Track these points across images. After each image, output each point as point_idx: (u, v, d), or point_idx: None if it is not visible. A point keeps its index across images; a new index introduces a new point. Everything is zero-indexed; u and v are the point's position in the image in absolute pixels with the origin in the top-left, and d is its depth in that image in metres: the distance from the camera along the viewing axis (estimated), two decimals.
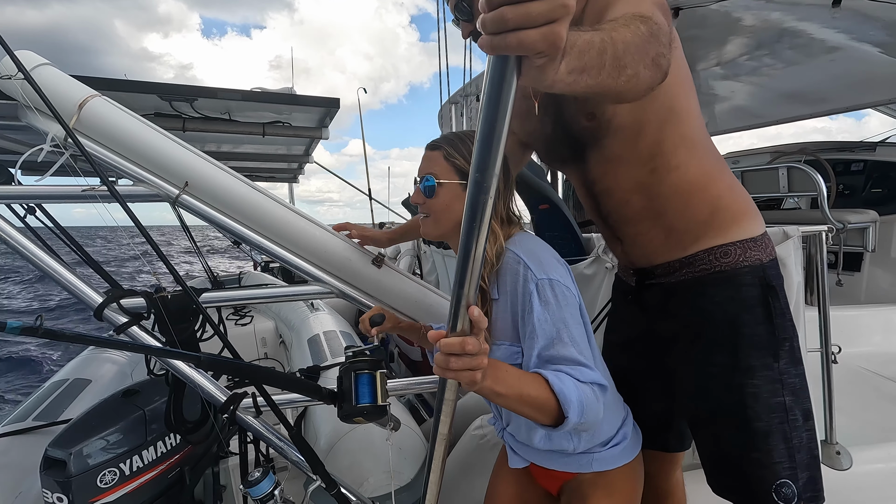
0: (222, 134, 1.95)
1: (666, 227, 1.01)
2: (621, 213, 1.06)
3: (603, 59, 0.53)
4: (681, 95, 0.95)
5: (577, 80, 0.52)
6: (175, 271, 1.18)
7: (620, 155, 0.99)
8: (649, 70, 0.62)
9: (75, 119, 1.24)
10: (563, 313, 0.86)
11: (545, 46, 0.44)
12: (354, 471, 1.64)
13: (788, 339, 0.97)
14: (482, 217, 0.53)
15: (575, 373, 0.82)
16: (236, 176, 1.35)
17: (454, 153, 1.00)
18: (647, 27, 0.63)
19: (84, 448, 1.31)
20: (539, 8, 0.42)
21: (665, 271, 1.04)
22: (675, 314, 1.05)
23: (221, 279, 4.30)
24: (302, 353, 2.87)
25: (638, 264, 1.10)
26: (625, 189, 1.02)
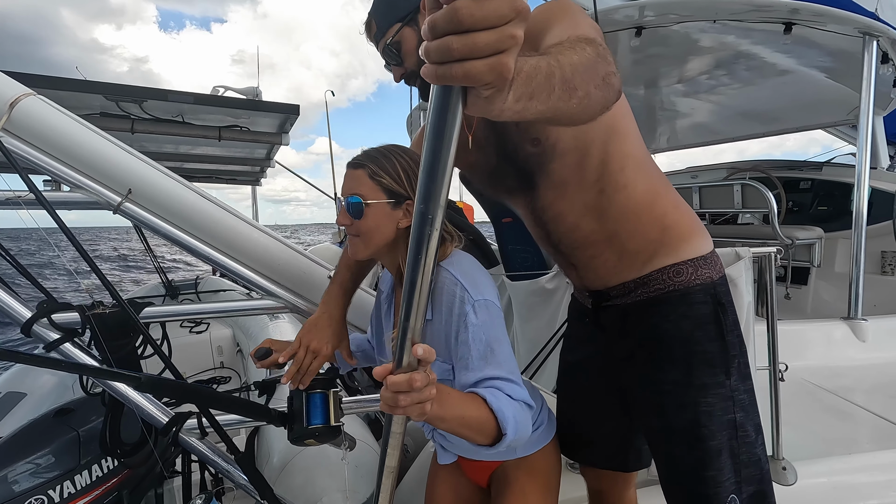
0: (175, 136, 1.86)
1: (618, 249, 1.01)
2: (572, 239, 1.05)
3: (551, 82, 0.52)
4: (619, 115, 0.95)
5: (526, 107, 0.50)
6: (109, 284, 1.10)
7: (568, 179, 0.98)
8: (601, 90, 0.61)
9: (5, 119, 1.15)
10: (496, 332, 0.89)
11: (492, 78, 0.42)
12: (308, 490, 1.58)
13: (738, 356, 0.98)
14: (428, 249, 0.51)
15: (507, 389, 0.84)
16: (184, 183, 1.28)
17: (380, 171, 0.96)
18: (593, 48, 0.62)
19: (8, 474, 1.21)
20: (486, 38, 0.40)
21: (620, 292, 1.04)
22: (631, 334, 1.05)
23: (177, 284, 4.13)
24: None
25: (593, 287, 1.10)
26: (575, 213, 1.01)
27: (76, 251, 1.10)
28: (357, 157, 1.00)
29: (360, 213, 0.97)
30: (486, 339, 0.87)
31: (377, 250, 1.01)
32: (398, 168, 0.97)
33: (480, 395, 0.82)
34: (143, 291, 4.29)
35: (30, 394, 2.22)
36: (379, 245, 1.00)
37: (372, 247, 1.00)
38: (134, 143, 2.00)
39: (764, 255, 1.42)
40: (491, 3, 0.40)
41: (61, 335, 1.14)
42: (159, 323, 1.40)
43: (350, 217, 0.99)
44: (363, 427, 1.98)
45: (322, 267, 1.35)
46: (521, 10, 0.41)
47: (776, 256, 1.42)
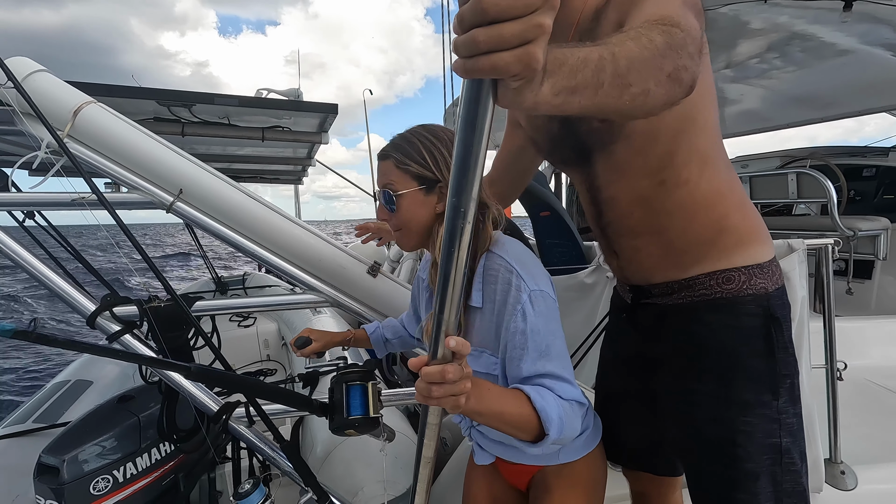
0: (222, 138, 1.95)
1: (665, 245, 0.95)
2: (621, 225, 1.00)
3: (600, 77, 0.49)
4: (702, 106, 0.87)
5: (567, 101, 0.48)
6: (165, 280, 1.17)
7: (629, 163, 0.92)
8: (663, 87, 0.56)
9: (70, 126, 1.23)
10: (552, 326, 0.85)
11: (520, 69, 0.41)
12: (349, 480, 1.62)
13: (790, 376, 0.90)
14: (461, 242, 0.51)
15: (557, 388, 0.81)
16: (231, 183, 1.34)
17: (405, 159, 0.94)
18: (666, 37, 0.57)
19: (78, 455, 1.31)
20: (512, 29, 0.39)
21: (662, 292, 0.99)
22: (666, 337, 0.99)
23: (226, 281, 4.31)
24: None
25: (633, 281, 1.05)
26: (629, 200, 0.96)
27: (135, 248, 1.17)
28: (384, 147, 0.98)
29: (393, 205, 0.95)
30: (543, 331, 0.83)
31: (420, 240, 0.99)
32: (423, 151, 0.94)
33: (525, 391, 0.79)
34: (195, 287, 4.51)
35: (95, 382, 2.38)
36: (420, 233, 0.98)
37: (414, 237, 0.99)
38: (185, 145, 2.10)
39: (820, 246, 1.34)
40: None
41: (122, 327, 1.22)
42: (209, 316, 1.47)
43: (387, 211, 0.98)
44: (403, 420, 2.02)
45: (361, 262, 1.38)
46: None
47: (834, 248, 1.34)
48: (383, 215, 1.00)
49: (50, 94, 1.24)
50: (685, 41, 0.60)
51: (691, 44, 0.61)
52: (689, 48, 0.60)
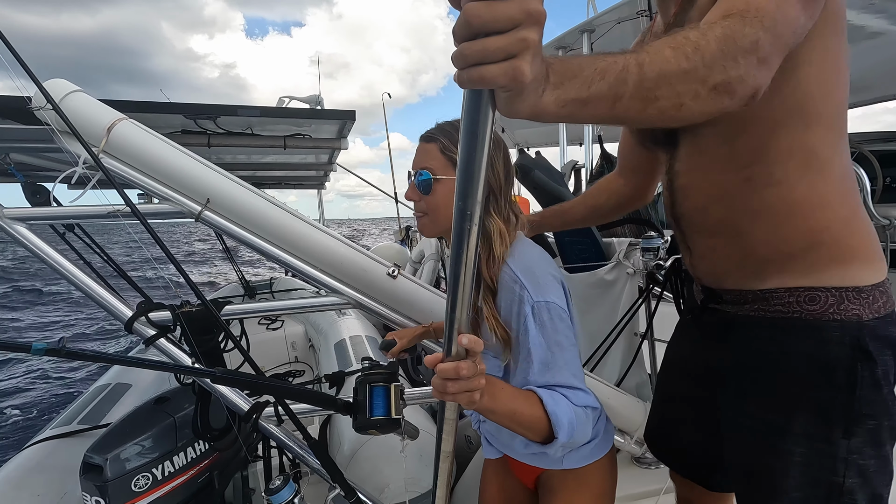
0: (246, 147, 2.02)
1: (744, 249, 0.85)
2: (696, 220, 0.91)
3: (619, 90, 0.48)
4: (818, 95, 0.75)
5: (576, 112, 0.48)
6: (195, 287, 1.22)
7: (713, 151, 0.83)
8: (703, 100, 0.52)
9: (104, 142, 1.30)
10: (557, 336, 0.84)
11: (506, 81, 0.42)
12: (376, 477, 1.66)
13: (876, 418, 0.78)
14: (469, 243, 0.54)
15: (570, 395, 0.82)
16: (255, 191, 1.39)
17: (451, 145, 0.91)
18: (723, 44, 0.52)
19: (120, 453, 1.38)
20: (496, 43, 0.41)
21: (733, 299, 0.90)
22: (732, 350, 0.91)
23: (254, 285, 4.43)
24: (329, 357, 2.93)
25: (704, 282, 0.97)
26: (707, 193, 0.87)
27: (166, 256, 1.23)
28: (430, 129, 0.97)
29: (428, 189, 0.94)
30: (546, 344, 0.83)
31: (446, 228, 0.97)
32: None
33: (538, 394, 0.80)
34: (225, 291, 4.65)
35: (134, 384, 2.49)
36: (447, 223, 0.94)
37: (440, 225, 0.98)
38: (211, 155, 2.18)
39: None
40: (499, 7, 0.40)
41: (157, 332, 1.29)
42: (238, 320, 1.53)
43: (419, 192, 0.96)
44: (426, 418, 2.05)
45: (381, 265, 1.41)
46: (533, 13, 0.41)
47: None
48: (413, 195, 0.98)
49: (85, 112, 1.31)
50: (757, 44, 0.54)
51: (769, 45, 0.55)
52: (762, 51, 0.55)
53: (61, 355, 0.71)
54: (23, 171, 1.98)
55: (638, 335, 1.74)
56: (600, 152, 3.00)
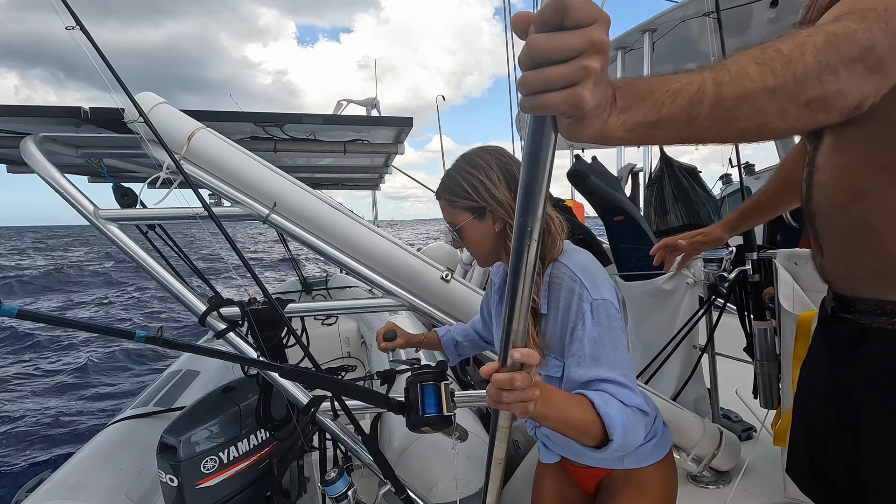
0: (309, 152, 2.11)
1: (885, 255, 0.78)
2: (830, 220, 0.85)
3: (693, 112, 0.46)
4: None
5: (646, 135, 0.47)
6: (264, 287, 1.30)
7: (860, 150, 0.77)
8: (790, 118, 0.48)
9: (185, 149, 1.42)
10: (612, 335, 0.87)
11: (566, 109, 0.43)
12: (425, 475, 1.70)
13: None
14: (528, 258, 0.55)
15: (619, 394, 0.83)
16: (318, 196, 1.46)
17: (453, 198, 1.05)
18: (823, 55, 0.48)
19: (191, 436, 1.49)
20: (557, 73, 0.42)
21: (870, 309, 0.82)
22: (865, 366, 0.84)
23: (311, 281, 4.62)
24: (380, 354, 3.01)
25: (836, 288, 0.89)
26: (848, 191, 0.80)
27: (237, 256, 1.32)
28: (437, 188, 1.11)
29: (460, 236, 1.08)
30: (601, 339, 0.86)
31: (490, 258, 1.11)
32: (465, 186, 1.03)
33: (589, 397, 0.81)
34: (284, 287, 4.88)
35: (202, 372, 2.68)
36: (488, 251, 1.08)
37: (484, 255, 1.10)
38: (276, 159, 2.30)
39: None
40: (561, 37, 0.41)
41: (227, 325, 1.38)
42: (299, 317, 1.61)
43: (457, 241, 1.11)
44: (475, 420, 2.07)
45: (435, 268, 1.45)
46: (596, 42, 0.41)
47: None
48: (457, 245, 1.17)
49: (169, 122, 1.42)
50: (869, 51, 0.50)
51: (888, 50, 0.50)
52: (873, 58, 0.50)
53: (159, 343, 0.79)
54: (112, 173, 2.18)
55: (697, 348, 1.68)
56: (660, 155, 2.89)
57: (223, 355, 0.94)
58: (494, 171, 1.02)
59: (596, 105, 0.44)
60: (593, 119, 0.45)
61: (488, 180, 1.01)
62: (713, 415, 1.69)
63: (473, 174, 1.03)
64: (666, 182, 2.71)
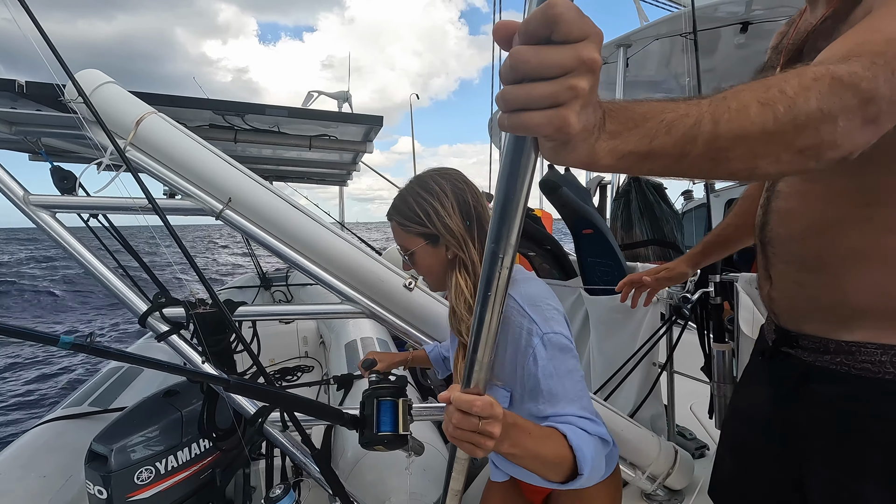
0: (272, 145, 2.01)
1: (837, 293, 0.75)
2: (787, 249, 0.82)
3: (686, 148, 0.43)
4: None
5: (635, 165, 0.43)
6: (211, 289, 1.21)
7: (830, 181, 0.74)
8: (781, 165, 0.46)
9: (132, 135, 1.30)
10: (566, 367, 0.86)
11: (550, 131, 0.39)
12: (379, 487, 1.64)
13: None
14: (498, 287, 0.51)
15: (582, 426, 0.81)
16: (278, 193, 1.38)
17: (405, 221, 1.02)
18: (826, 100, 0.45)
19: (125, 445, 1.38)
20: (542, 90, 0.38)
21: (812, 346, 0.80)
22: (810, 407, 0.82)
23: (270, 276, 4.46)
24: (339, 357, 2.92)
25: (781, 321, 0.87)
26: (809, 223, 0.77)
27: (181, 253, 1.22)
28: (389, 209, 1.07)
29: (412, 261, 1.05)
30: (556, 373, 0.84)
31: (442, 284, 1.07)
32: (417, 211, 0.99)
33: (560, 430, 0.78)
34: (241, 281, 4.69)
35: (145, 370, 2.51)
36: (439, 279, 1.06)
37: (436, 281, 1.07)
38: (237, 149, 2.18)
39: None
40: (549, 53, 0.37)
41: (170, 328, 1.28)
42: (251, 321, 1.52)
43: (408, 265, 1.08)
44: (433, 431, 2.02)
45: (398, 276, 1.39)
46: (586, 60, 0.37)
47: None
48: (407, 268, 1.11)
49: (116, 104, 1.31)
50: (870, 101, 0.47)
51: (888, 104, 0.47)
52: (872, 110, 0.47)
53: (87, 351, 0.71)
54: (53, 154, 2.01)
55: (657, 365, 1.69)
56: None
57: (159, 366, 0.86)
58: (448, 199, 0.99)
59: (582, 129, 0.39)
60: (579, 143, 0.41)
61: (441, 207, 0.98)
62: (668, 432, 1.71)
63: (427, 199, 0.99)
64: (633, 196, 2.75)
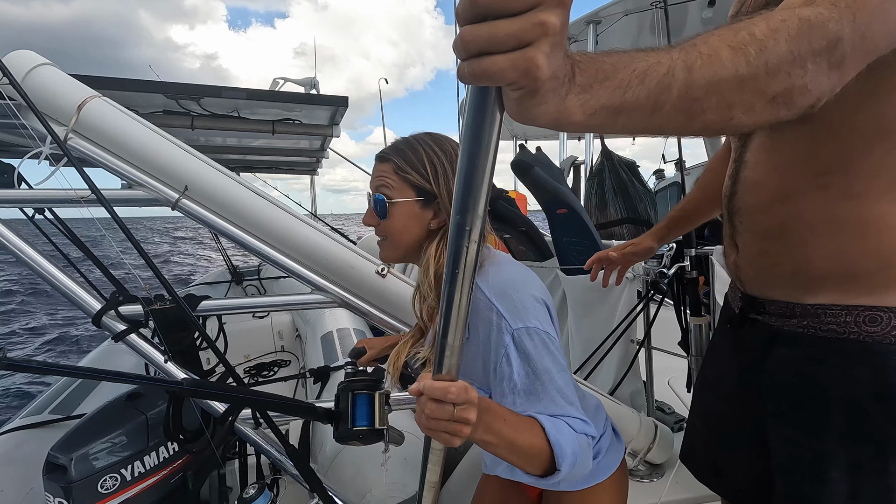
0: (232, 131, 1.92)
1: (801, 260, 0.78)
2: (753, 219, 0.84)
3: (660, 98, 0.40)
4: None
5: (607, 122, 0.39)
6: (167, 283, 1.14)
7: (792, 150, 0.75)
8: (755, 114, 0.45)
9: (74, 121, 1.20)
10: (545, 363, 0.77)
11: (516, 76, 0.34)
12: (358, 481, 1.60)
13: None
14: (466, 263, 0.46)
15: (570, 423, 0.75)
16: (238, 180, 1.30)
17: (405, 166, 0.87)
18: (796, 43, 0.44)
19: (86, 453, 1.30)
20: (506, 28, 0.33)
21: (778, 311, 0.82)
22: (774, 368, 0.84)
23: (241, 270, 4.34)
24: (315, 349, 2.86)
25: (748, 288, 0.89)
26: (774, 192, 0.79)
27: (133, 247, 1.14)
28: (385, 148, 0.92)
29: (384, 213, 0.89)
30: (533, 372, 0.76)
31: (407, 253, 0.94)
32: (425, 161, 0.87)
33: (540, 422, 0.73)
34: (211, 277, 4.55)
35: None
36: (408, 248, 0.92)
37: (401, 250, 0.93)
38: (198, 137, 2.07)
39: None
40: None
41: (127, 327, 1.20)
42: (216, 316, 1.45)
43: (376, 217, 0.91)
44: (412, 419, 1.99)
45: (370, 262, 1.34)
46: None
47: None
48: (370, 221, 0.93)
49: (54, 88, 1.21)
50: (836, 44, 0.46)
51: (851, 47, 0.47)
52: (838, 54, 0.47)
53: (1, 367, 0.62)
54: None
55: (635, 342, 1.69)
56: (601, 148, 2.92)
57: (99, 375, 0.78)
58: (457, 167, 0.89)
59: (552, 76, 0.35)
60: (549, 95, 0.36)
61: (451, 171, 0.86)
62: (648, 408, 1.72)
63: (440, 157, 0.87)
64: (606, 176, 2.74)
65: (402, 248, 0.92)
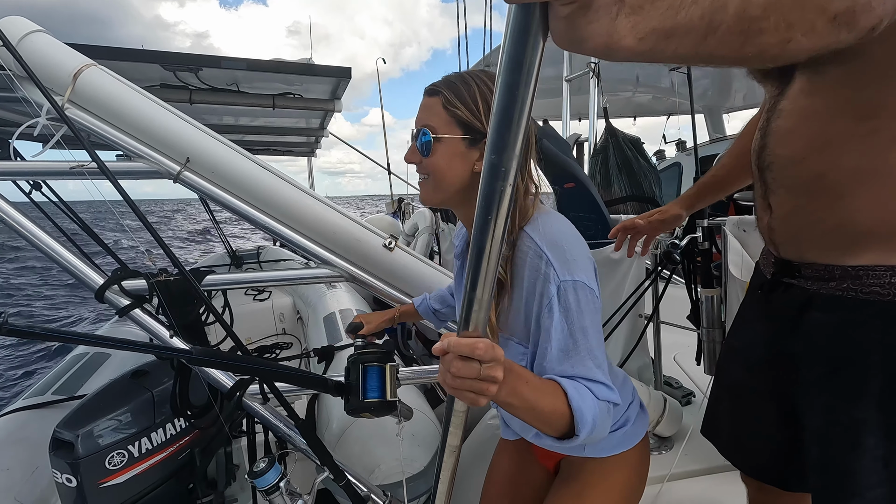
0: (232, 106, 1.87)
1: (841, 215, 0.72)
2: (787, 173, 0.77)
3: (716, 18, 0.37)
4: None
5: (657, 48, 0.37)
6: (172, 254, 1.11)
7: (834, 93, 0.69)
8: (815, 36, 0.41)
9: (70, 90, 1.17)
10: (584, 321, 0.74)
11: None
12: (366, 457, 1.60)
13: None
14: (499, 208, 0.43)
15: (592, 388, 0.73)
16: (241, 152, 1.27)
17: (455, 100, 0.81)
18: None
19: (92, 429, 1.29)
20: None
21: (815, 275, 0.77)
22: (808, 335, 0.79)
23: (240, 254, 4.30)
24: (318, 330, 2.84)
25: (782, 252, 0.83)
26: (810, 141, 0.72)
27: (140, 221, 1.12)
28: (435, 82, 0.85)
29: (429, 149, 0.83)
30: (569, 329, 0.73)
31: (448, 196, 0.87)
32: (478, 98, 0.81)
33: (563, 386, 0.71)
34: (210, 261, 4.51)
35: (114, 354, 2.38)
36: (451, 190, 0.85)
37: (442, 191, 0.86)
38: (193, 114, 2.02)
39: None
40: None
41: (131, 301, 1.18)
42: (222, 291, 1.43)
43: (419, 154, 0.85)
44: (419, 396, 1.98)
45: (377, 236, 1.31)
46: None
47: None
48: (412, 158, 0.87)
49: (48, 56, 1.17)
50: None
51: None
52: None
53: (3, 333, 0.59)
54: None
55: (643, 317, 1.67)
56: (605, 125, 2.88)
57: (108, 343, 0.76)
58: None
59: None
60: (600, 13, 0.33)
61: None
62: (656, 382, 1.71)
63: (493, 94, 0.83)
64: (611, 152, 2.71)
65: (442, 188, 0.86)
